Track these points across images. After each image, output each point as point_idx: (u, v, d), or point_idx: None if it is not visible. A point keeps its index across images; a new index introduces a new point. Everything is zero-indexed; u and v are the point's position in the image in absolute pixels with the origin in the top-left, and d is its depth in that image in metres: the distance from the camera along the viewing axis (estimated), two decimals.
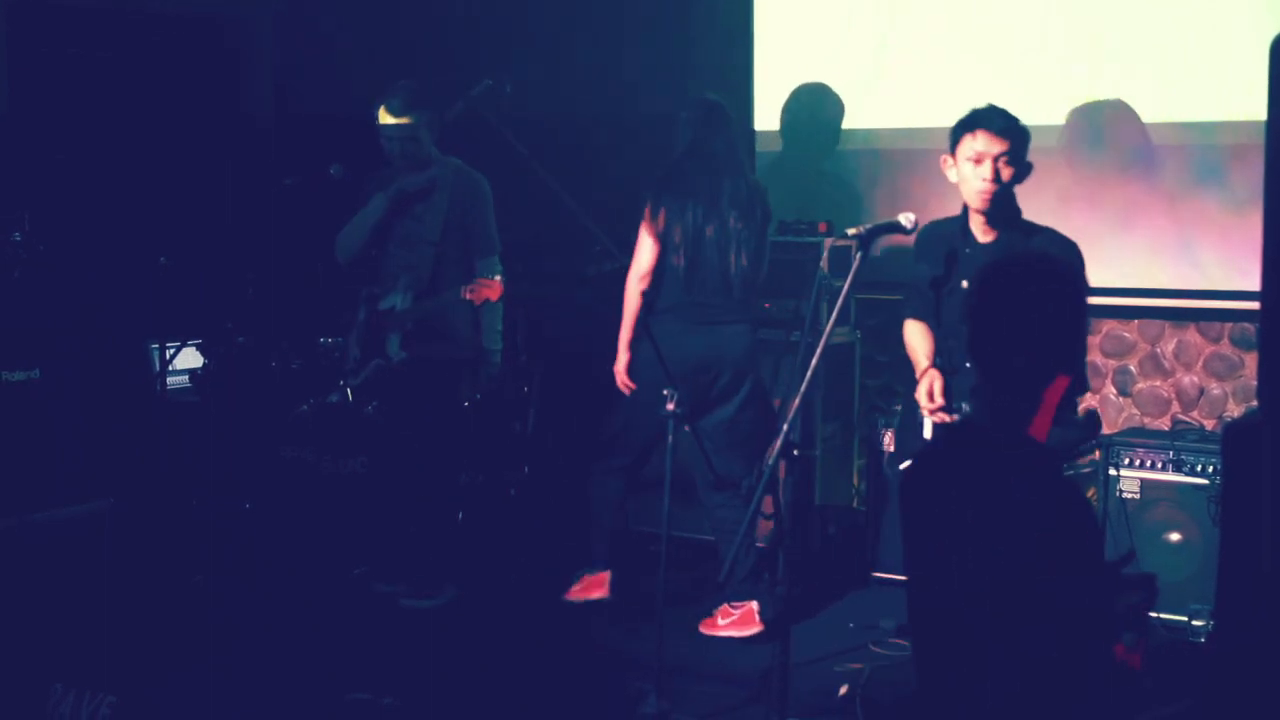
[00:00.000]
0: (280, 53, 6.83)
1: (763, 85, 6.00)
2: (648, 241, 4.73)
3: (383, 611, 4.86)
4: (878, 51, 5.73)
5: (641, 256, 4.75)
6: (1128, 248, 5.25)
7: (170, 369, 5.39)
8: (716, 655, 4.56)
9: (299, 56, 6.63)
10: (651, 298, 4.70)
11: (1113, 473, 4.76)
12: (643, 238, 4.75)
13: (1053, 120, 5.33)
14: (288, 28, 6.78)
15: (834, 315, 3.52)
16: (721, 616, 4.74)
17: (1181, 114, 5.18)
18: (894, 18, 5.69)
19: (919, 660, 2.62)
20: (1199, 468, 4.69)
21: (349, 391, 5.11)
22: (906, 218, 3.71)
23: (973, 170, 3.94)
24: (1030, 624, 2.34)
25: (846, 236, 3.63)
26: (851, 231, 3.60)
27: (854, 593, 5.18)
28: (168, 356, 5.37)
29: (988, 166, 3.91)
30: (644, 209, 4.73)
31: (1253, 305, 4.24)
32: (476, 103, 5.36)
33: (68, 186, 5.89)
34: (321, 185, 5.16)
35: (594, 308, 5.17)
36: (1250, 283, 4.25)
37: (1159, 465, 4.76)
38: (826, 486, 5.53)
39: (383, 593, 4.96)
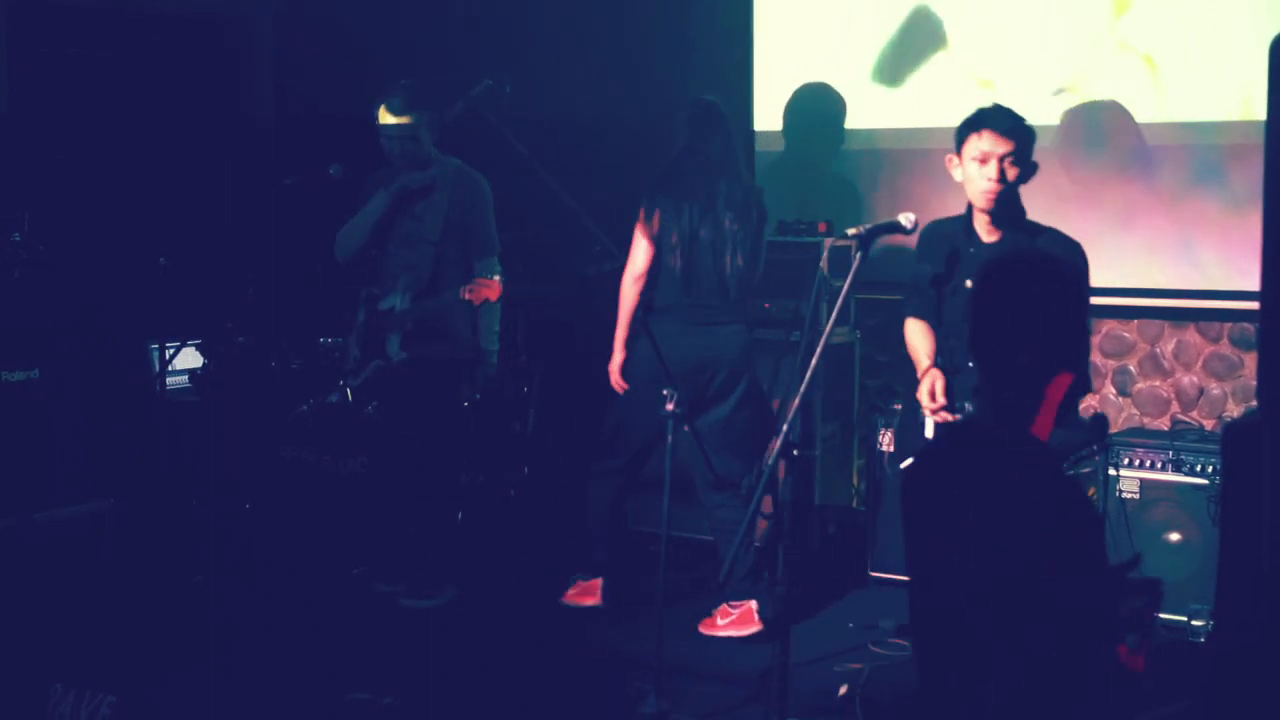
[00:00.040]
0: (280, 53, 6.83)
1: (762, 85, 6.00)
2: (642, 243, 4.74)
3: (383, 611, 4.86)
4: (878, 51, 5.73)
5: (636, 258, 4.76)
6: (1127, 248, 5.25)
7: (170, 369, 5.39)
8: (716, 655, 4.56)
9: (299, 56, 6.63)
10: (649, 298, 4.71)
11: (1112, 473, 4.75)
12: (637, 239, 4.76)
13: (1053, 120, 5.33)
14: (288, 28, 6.78)
15: (834, 315, 3.52)
16: (720, 616, 4.74)
17: (1181, 114, 5.18)
18: (894, 18, 5.69)
19: (920, 660, 2.61)
20: (1199, 468, 4.69)
21: (349, 392, 5.11)
22: (906, 218, 3.71)
23: (978, 170, 3.93)
24: (1032, 623, 2.34)
25: (846, 236, 3.63)
26: (851, 231, 3.60)
27: (853, 593, 5.18)
28: (167, 356, 5.37)
29: (993, 166, 3.91)
30: (639, 211, 4.74)
31: (1252, 305, 4.24)
32: (476, 103, 5.35)
33: (68, 186, 5.88)
34: (321, 185, 5.16)
35: (594, 308, 5.17)
36: (1250, 283, 4.25)
37: (1159, 465, 4.76)
38: (826, 486, 5.53)
39: (383, 593, 4.97)
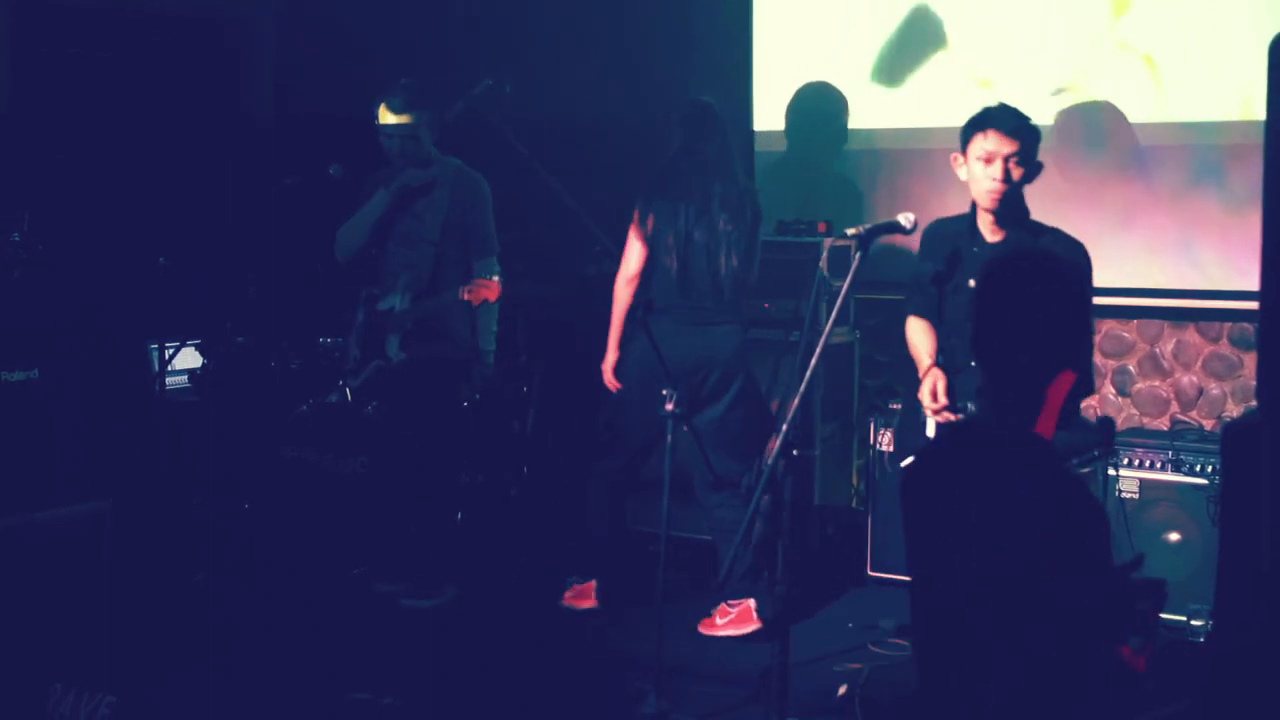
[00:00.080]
0: (280, 53, 6.83)
1: (762, 85, 6.00)
2: (635, 245, 4.75)
3: (383, 611, 4.86)
4: (877, 51, 5.73)
5: (629, 259, 4.77)
6: (1127, 247, 5.25)
7: (170, 369, 5.39)
8: (716, 655, 4.56)
9: (299, 56, 6.63)
10: (644, 297, 4.71)
11: (1112, 473, 4.75)
12: (631, 241, 4.77)
13: (1052, 120, 5.32)
14: (288, 28, 6.78)
15: (833, 315, 3.52)
16: (719, 616, 4.74)
17: (1181, 114, 5.18)
18: (894, 18, 5.69)
19: (920, 659, 2.61)
20: (1198, 468, 4.69)
21: (349, 392, 5.11)
22: (906, 218, 3.71)
23: (983, 170, 3.91)
24: (1034, 623, 2.34)
25: (846, 236, 3.63)
26: (851, 231, 3.59)
27: (853, 593, 5.19)
28: (167, 356, 5.37)
29: (998, 166, 3.89)
30: (633, 212, 4.75)
31: (1252, 305, 4.23)
32: (477, 102, 5.36)
33: (68, 186, 5.88)
34: (321, 185, 5.16)
35: (594, 308, 5.16)
36: (1249, 283, 4.25)
37: (1158, 465, 4.77)
38: (826, 486, 5.53)
39: (383, 593, 4.96)
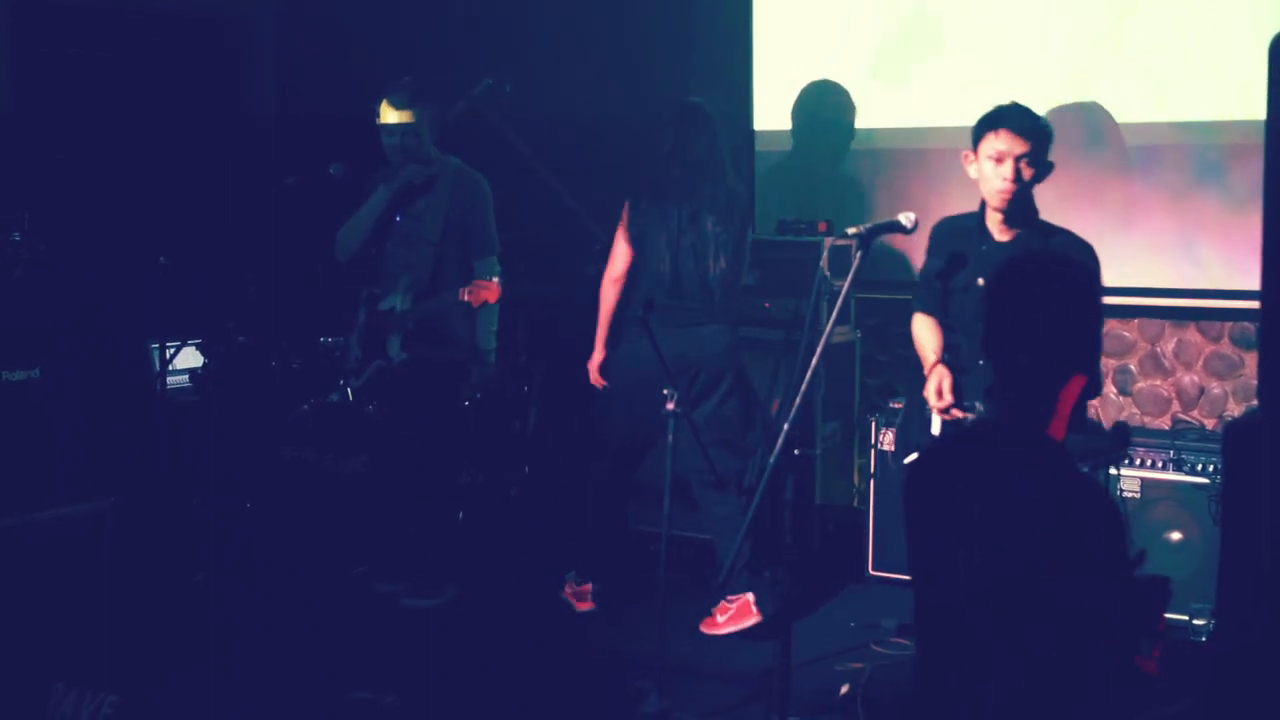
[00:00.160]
0: (280, 53, 6.84)
1: (762, 85, 6.00)
2: (621, 245, 4.76)
3: (383, 611, 4.86)
4: (878, 51, 5.73)
5: (615, 260, 4.78)
6: (1128, 246, 5.24)
7: (170, 368, 5.39)
8: (717, 654, 4.56)
9: (299, 56, 6.63)
10: (646, 296, 4.69)
11: (1113, 472, 4.75)
12: (617, 241, 4.77)
13: (1052, 120, 5.31)
14: (288, 28, 6.78)
15: (834, 314, 3.52)
16: (720, 613, 4.74)
17: (1181, 113, 5.18)
18: (894, 17, 5.69)
19: (921, 658, 2.61)
20: (1199, 467, 4.69)
21: (350, 391, 5.11)
22: (906, 217, 3.71)
23: (994, 169, 3.88)
24: (1041, 623, 2.34)
25: (846, 236, 3.63)
26: (851, 231, 3.60)
27: (854, 592, 5.18)
28: (168, 356, 5.37)
29: (1009, 166, 3.86)
30: (622, 212, 4.74)
31: (1253, 304, 4.22)
32: (477, 102, 5.37)
33: (69, 186, 5.89)
34: (322, 185, 5.16)
35: (595, 307, 5.16)
36: (1250, 282, 4.23)
37: (1159, 464, 4.76)
38: (827, 486, 5.53)
39: (383, 592, 4.97)
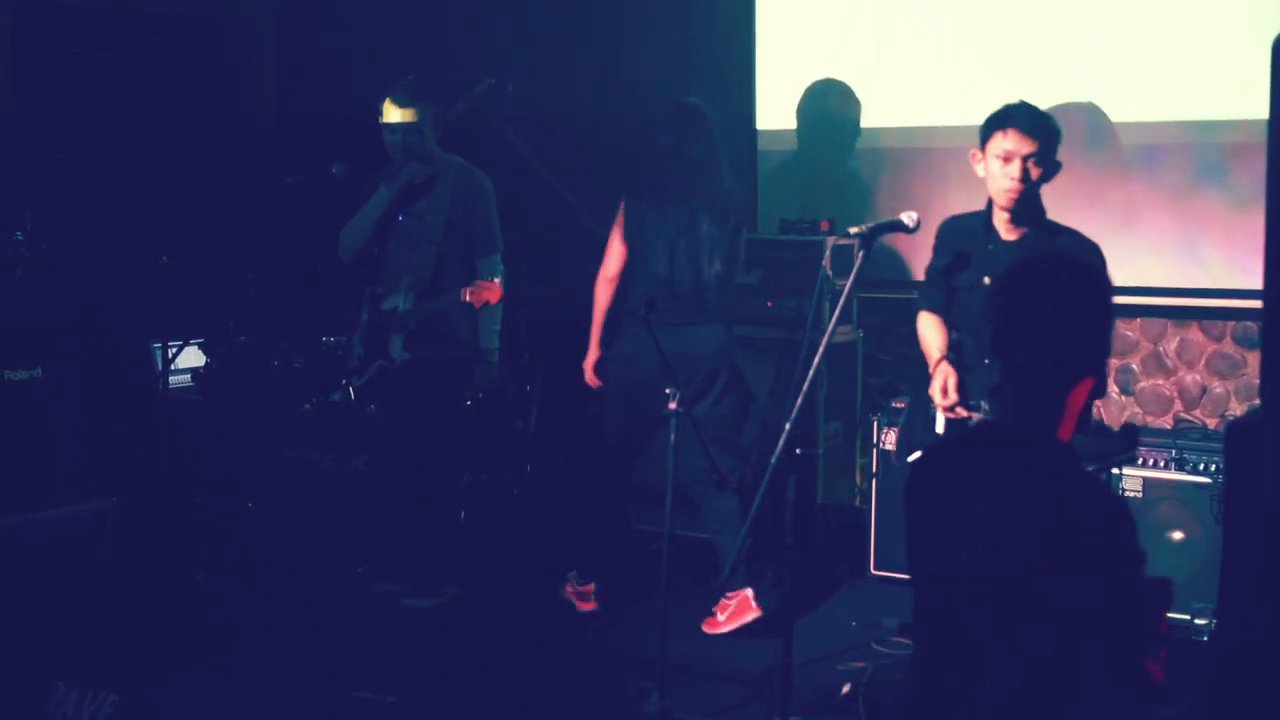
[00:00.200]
0: (281, 53, 6.84)
1: (765, 85, 5.99)
2: (616, 245, 4.76)
3: (384, 611, 4.86)
4: (879, 51, 5.73)
5: (609, 260, 4.78)
6: (1130, 246, 5.24)
7: (172, 368, 5.39)
8: (718, 654, 4.55)
9: (299, 56, 6.63)
10: (647, 296, 4.68)
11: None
12: (612, 241, 4.77)
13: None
14: (288, 28, 6.78)
15: (836, 314, 3.52)
16: (720, 611, 4.73)
17: (1183, 113, 5.18)
18: (895, 17, 5.69)
19: (921, 658, 2.61)
20: (1202, 466, 4.68)
21: (352, 391, 5.10)
22: (909, 216, 3.70)
23: (1001, 168, 3.87)
24: (1041, 623, 2.33)
25: (849, 235, 3.62)
26: (854, 230, 3.59)
27: (856, 591, 5.18)
28: (169, 355, 5.37)
29: (1016, 166, 3.85)
30: (617, 212, 4.74)
31: (1255, 304, 4.23)
32: (478, 102, 5.36)
33: (70, 186, 5.89)
34: (322, 184, 5.16)
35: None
36: (1253, 281, 4.23)
37: (1161, 464, 4.76)
38: (829, 485, 5.53)
39: (384, 592, 4.97)
